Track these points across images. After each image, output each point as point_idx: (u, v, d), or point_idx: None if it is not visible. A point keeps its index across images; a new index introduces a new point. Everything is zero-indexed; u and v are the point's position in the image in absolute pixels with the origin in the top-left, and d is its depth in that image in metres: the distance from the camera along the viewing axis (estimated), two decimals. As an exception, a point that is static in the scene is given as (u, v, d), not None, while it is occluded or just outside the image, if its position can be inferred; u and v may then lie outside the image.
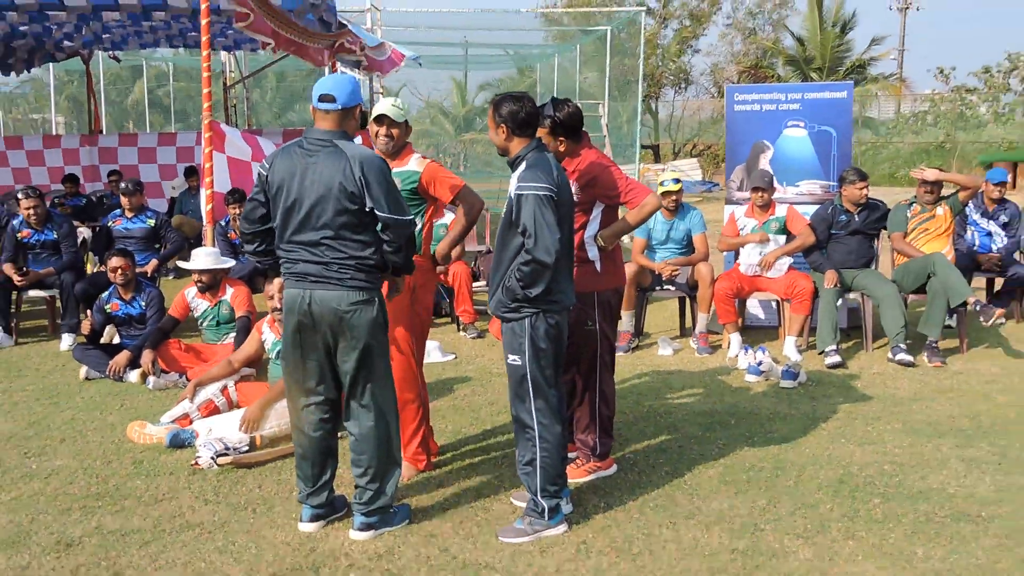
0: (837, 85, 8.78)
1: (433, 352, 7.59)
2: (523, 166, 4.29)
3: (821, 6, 32.53)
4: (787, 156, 8.47)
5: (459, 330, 8.41)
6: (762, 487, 4.85)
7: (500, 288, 4.32)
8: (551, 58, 28.33)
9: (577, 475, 4.94)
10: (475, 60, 31.64)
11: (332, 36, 10.15)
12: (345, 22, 11.67)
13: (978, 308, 7.21)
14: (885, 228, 8.02)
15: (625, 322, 7.86)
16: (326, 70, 12.07)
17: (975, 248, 8.78)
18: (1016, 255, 8.84)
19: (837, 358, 7.31)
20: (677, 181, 7.88)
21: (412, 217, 4.32)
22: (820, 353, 7.42)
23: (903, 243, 7.86)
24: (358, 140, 5.45)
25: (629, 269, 7.75)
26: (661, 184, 7.89)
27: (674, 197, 7.84)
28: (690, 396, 6.54)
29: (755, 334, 8.30)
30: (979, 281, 9.02)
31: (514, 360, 4.34)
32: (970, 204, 8.81)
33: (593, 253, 4.90)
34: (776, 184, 8.36)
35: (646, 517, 4.50)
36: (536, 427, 4.32)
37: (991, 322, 7.21)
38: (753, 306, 8.65)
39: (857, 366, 7.33)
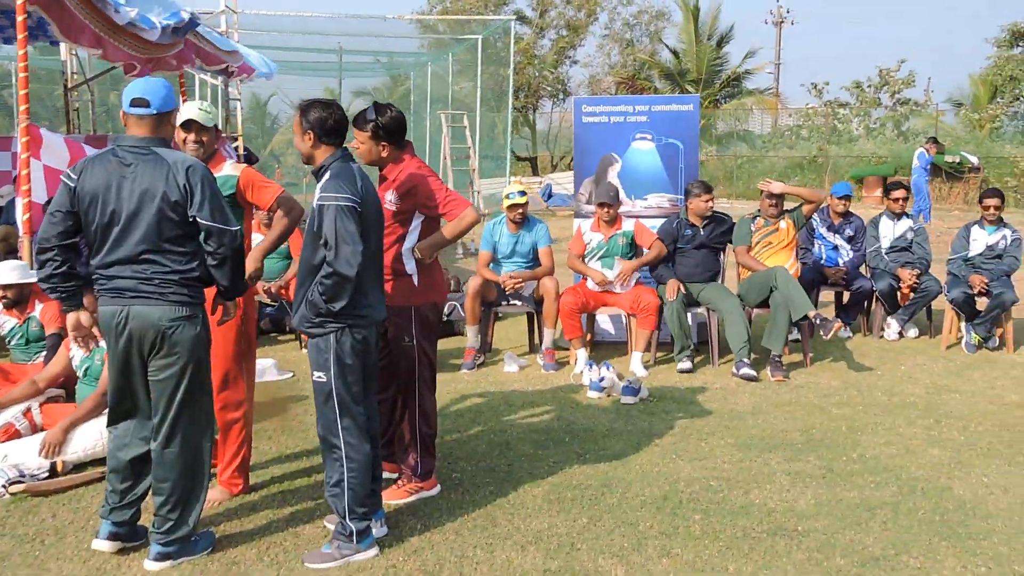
0: (684, 98, 8.80)
1: (269, 370, 7.29)
2: (327, 176, 4.11)
3: (697, 19, 33.06)
4: (635, 169, 8.41)
5: (301, 348, 8.09)
6: (585, 505, 4.73)
7: (304, 303, 4.11)
8: (425, 66, 28.16)
9: (398, 496, 4.77)
10: (349, 67, 31.25)
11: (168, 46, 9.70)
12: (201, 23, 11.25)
13: (818, 322, 7.24)
14: (731, 242, 8.01)
15: (470, 338, 7.70)
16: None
17: (822, 262, 8.87)
18: (862, 268, 8.96)
19: (688, 364, 7.43)
20: (523, 193, 7.73)
21: (238, 228, 4.07)
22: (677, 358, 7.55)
23: (746, 257, 7.87)
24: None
25: (473, 283, 7.60)
26: (507, 197, 7.73)
27: (520, 210, 7.68)
28: (528, 413, 6.38)
29: (606, 349, 8.21)
30: (828, 295, 9.13)
31: (319, 377, 4.15)
32: (816, 218, 8.92)
33: (411, 266, 4.74)
34: (624, 197, 8.31)
35: (462, 539, 4.34)
36: (343, 446, 4.13)
37: (830, 335, 7.25)
38: (604, 321, 8.55)
39: (701, 380, 7.29)
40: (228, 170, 4.67)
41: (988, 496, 4.87)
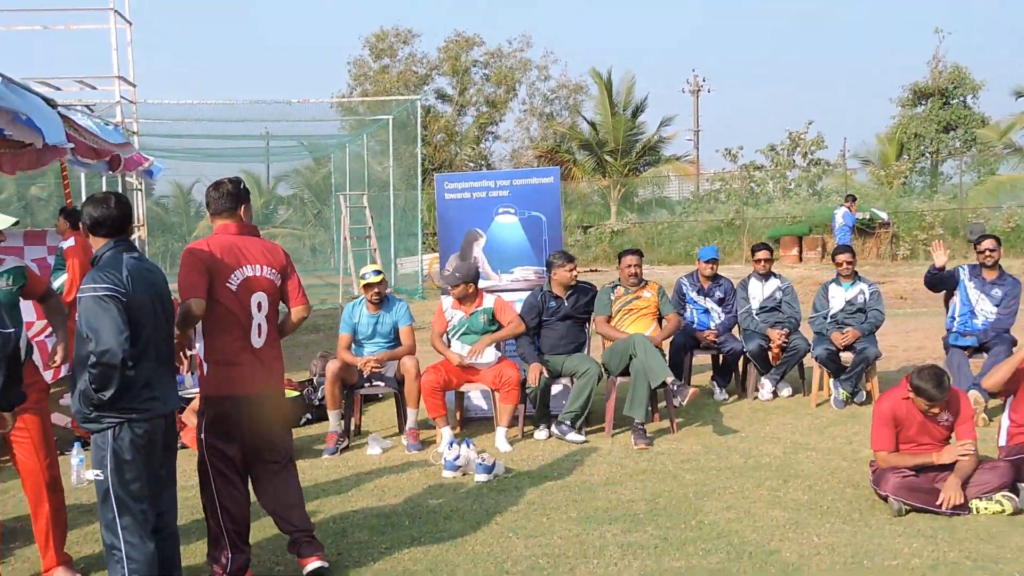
0: (545, 171, 8.83)
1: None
2: (96, 267, 4.05)
3: (611, 91, 33.59)
4: (500, 243, 8.42)
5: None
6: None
7: (78, 396, 3.99)
8: (345, 147, 28.25)
9: (209, 596, 4.61)
10: (274, 152, 31.33)
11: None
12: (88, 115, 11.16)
13: (675, 388, 7.23)
14: (595, 311, 8.02)
15: (332, 422, 7.58)
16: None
17: (694, 325, 8.90)
18: (735, 330, 9.00)
19: (544, 433, 7.58)
20: (378, 273, 7.66)
21: (12, 330, 3.95)
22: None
23: (605, 326, 7.86)
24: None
25: (331, 367, 7.50)
26: (362, 277, 7.68)
27: (375, 290, 7.61)
28: (376, 498, 6.24)
29: (478, 425, 8.13)
30: (704, 358, 9.15)
31: (97, 475, 4.03)
32: (686, 282, 8.99)
33: (202, 353, 4.66)
34: (490, 272, 8.31)
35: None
36: (123, 546, 4.01)
37: (685, 401, 7.24)
38: (476, 397, 8.47)
39: (564, 451, 7.21)
40: (11, 264, 4.59)
41: (814, 557, 4.83)
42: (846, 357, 8.25)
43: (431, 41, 74.59)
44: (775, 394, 8.73)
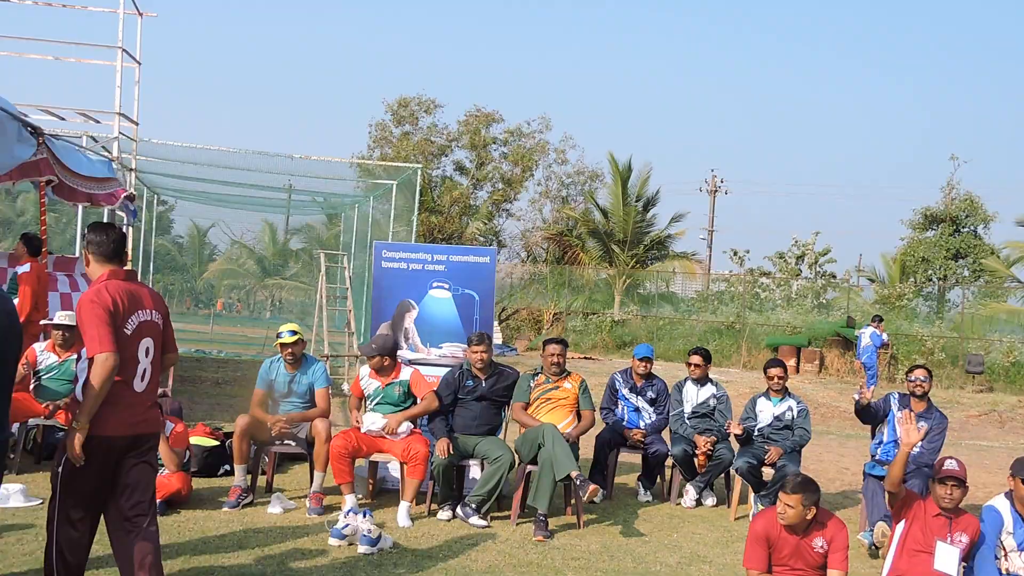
0: (481, 250, 8.89)
1: (15, 496, 7.02)
2: None
3: (626, 181, 33.78)
4: (432, 316, 8.42)
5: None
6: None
7: None
8: (355, 208, 28.47)
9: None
10: (280, 204, 31.61)
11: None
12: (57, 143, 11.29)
13: (578, 483, 7.10)
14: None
15: (237, 476, 7.49)
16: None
17: (623, 423, 8.79)
18: (666, 432, 8.87)
19: (447, 514, 7.48)
20: (293, 333, 7.63)
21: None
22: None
23: (520, 413, 7.76)
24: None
25: (240, 421, 7.45)
26: (278, 336, 7.64)
27: (290, 350, 7.58)
28: (243, 560, 6.12)
29: (390, 497, 8.02)
30: (633, 456, 9.00)
31: None
32: (619, 378, 8.90)
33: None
34: (420, 344, 8.28)
35: None
36: None
37: (586, 498, 7.11)
38: (394, 468, 8.35)
39: (464, 532, 7.07)
40: None
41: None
42: (768, 471, 8.11)
43: (452, 113, 75.59)
44: (699, 502, 8.58)
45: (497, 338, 30.64)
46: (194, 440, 8.34)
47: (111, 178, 13.21)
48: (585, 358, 27.19)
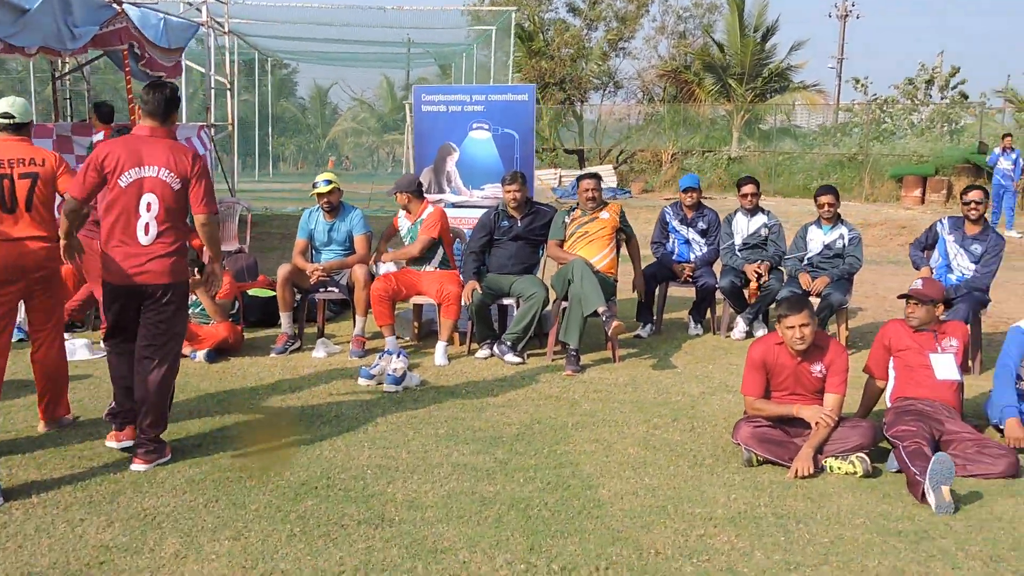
0: (520, 87, 8.71)
1: (80, 349, 7.50)
2: None
3: (742, 12, 32.39)
4: (472, 158, 8.40)
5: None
6: (210, 486, 4.75)
7: None
8: (462, 56, 28.22)
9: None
10: (395, 58, 31.55)
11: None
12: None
13: (604, 318, 7.11)
14: (552, 235, 7.93)
15: (284, 323, 7.79)
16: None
17: (674, 256, 8.70)
18: (716, 265, 8.75)
19: (486, 351, 7.66)
20: (328, 182, 7.74)
21: None
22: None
23: (555, 249, 7.74)
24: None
25: (281, 271, 7.69)
26: (314, 186, 7.77)
27: (326, 199, 7.72)
28: (279, 397, 6.45)
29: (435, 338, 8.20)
30: (687, 290, 8.93)
31: None
32: (669, 211, 8.77)
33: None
34: (462, 187, 8.31)
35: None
36: None
37: (611, 333, 7.12)
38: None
39: (496, 371, 7.23)
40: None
41: (628, 497, 4.74)
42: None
43: None
44: (749, 333, 8.49)
45: (611, 180, 30.37)
46: (253, 292, 8.68)
47: (176, 49, 13.40)
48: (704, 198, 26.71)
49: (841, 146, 31.16)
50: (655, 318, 8.67)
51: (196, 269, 6.95)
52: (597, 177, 7.97)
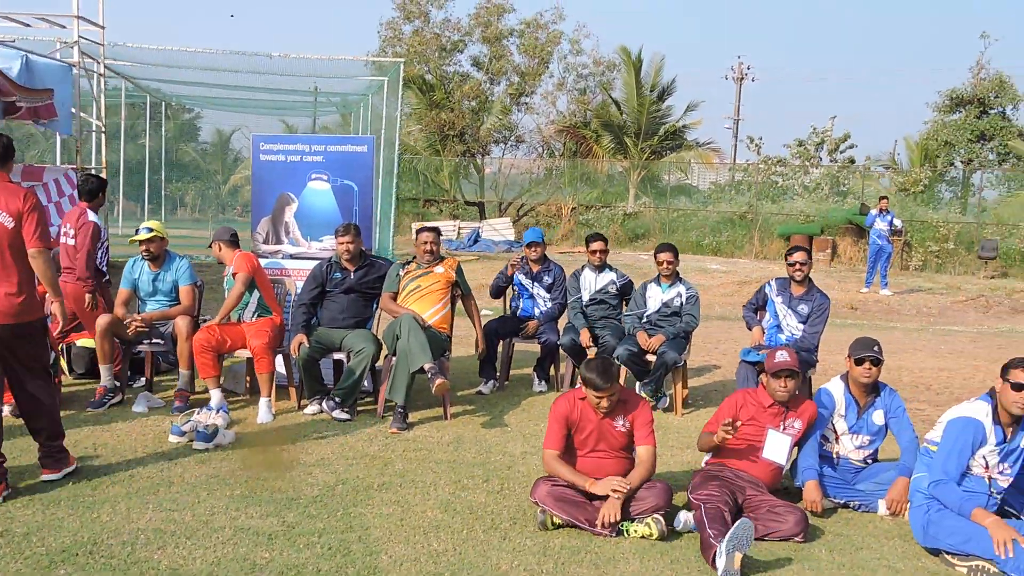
0: (359, 139, 8.60)
1: None
2: None
3: (639, 72, 32.92)
4: (312, 209, 8.24)
5: None
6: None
7: None
8: (364, 105, 28.10)
9: None
10: (299, 106, 31.32)
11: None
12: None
13: (430, 375, 6.95)
14: (387, 288, 7.77)
15: (103, 376, 7.46)
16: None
17: (519, 311, 8.62)
18: (556, 322, 8.66)
19: (315, 407, 7.47)
20: (150, 230, 7.49)
21: None
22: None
23: (388, 303, 7.56)
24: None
25: (101, 321, 7.38)
26: (136, 232, 7.52)
27: (144, 247, 7.45)
28: (76, 454, 6.12)
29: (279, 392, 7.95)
30: (532, 346, 8.82)
31: None
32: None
33: None
34: (300, 238, 8.15)
35: None
36: None
37: (434, 391, 6.96)
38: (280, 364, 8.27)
39: (317, 429, 7.01)
40: None
41: (409, 562, 4.56)
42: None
43: (464, 7, 73.70)
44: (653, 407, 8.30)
45: (509, 233, 30.42)
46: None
47: (45, 90, 12.97)
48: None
49: (733, 204, 31.75)
50: (498, 374, 8.54)
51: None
52: (436, 231, 7.85)
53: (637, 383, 8.03)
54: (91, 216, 7.81)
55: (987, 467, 5.06)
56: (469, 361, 8.74)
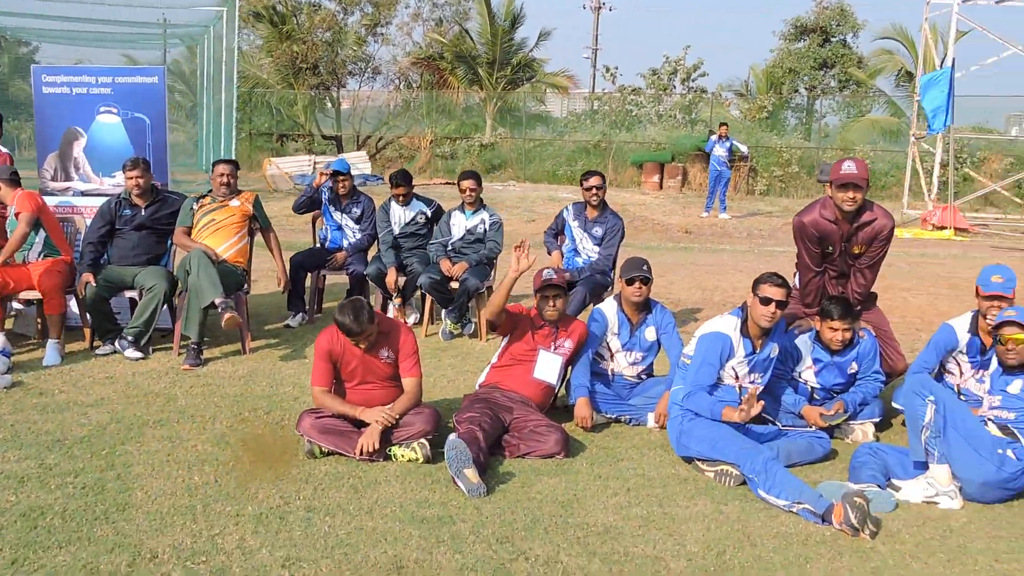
0: (149, 70, 8.32)
1: None
2: None
3: (490, 2, 32.68)
4: (101, 144, 7.95)
5: None
6: None
7: None
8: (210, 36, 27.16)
9: None
10: (143, 39, 30.15)
11: None
12: None
13: (220, 309, 6.84)
14: (182, 223, 7.58)
15: None
16: None
17: (327, 243, 8.56)
18: (366, 253, 8.62)
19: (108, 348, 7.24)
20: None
21: None
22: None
23: (181, 238, 7.37)
24: None
25: None
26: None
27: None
28: None
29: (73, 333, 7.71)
30: (341, 277, 8.73)
31: None
32: (325, 192, 8.58)
33: None
34: (91, 175, 7.86)
35: None
36: None
37: (224, 326, 6.85)
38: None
39: (110, 370, 6.83)
40: None
41: (164, 496, 4.52)
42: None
43: None
44: (453, 334, 8.27)
45: (365, 167, 30.03)
46: None
47: None
48: (448, 183, 26.79)
49: (589, 133, 31.97)
50: (307, 307, 8.47)
51: None
52: (234, 163, 7.68)
53: (443, 310, 8.07)
54: None
55: (737, 377, 5.28)
56: (281, 295, 8.63)
